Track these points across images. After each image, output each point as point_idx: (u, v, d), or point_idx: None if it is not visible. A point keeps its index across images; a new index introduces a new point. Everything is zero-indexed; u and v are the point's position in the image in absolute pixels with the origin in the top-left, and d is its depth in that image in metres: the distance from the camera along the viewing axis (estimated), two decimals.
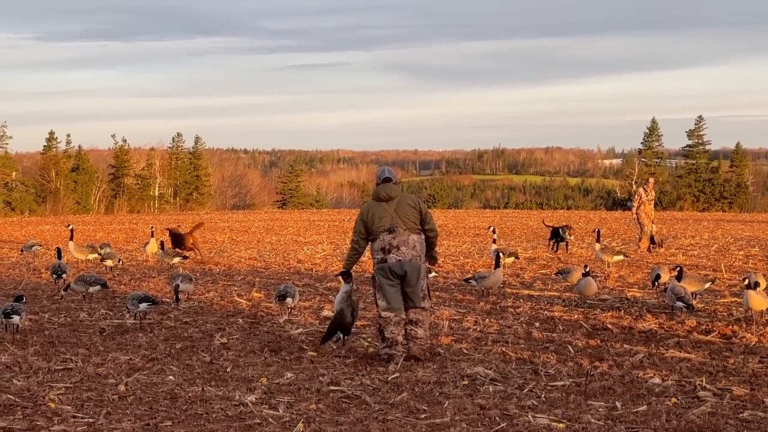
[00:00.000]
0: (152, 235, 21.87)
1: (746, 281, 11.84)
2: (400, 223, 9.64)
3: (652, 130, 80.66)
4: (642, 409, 7.63)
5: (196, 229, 22.66)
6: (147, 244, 21.68)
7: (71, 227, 21.20)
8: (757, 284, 12.01)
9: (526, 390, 8.32)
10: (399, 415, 7.52)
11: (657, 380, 8.64)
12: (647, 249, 22.84)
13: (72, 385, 8.55)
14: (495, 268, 14.36)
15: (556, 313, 12.75)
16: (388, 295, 9.62)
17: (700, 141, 79.05)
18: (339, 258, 21.47)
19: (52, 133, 79.33)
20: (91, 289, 14.11)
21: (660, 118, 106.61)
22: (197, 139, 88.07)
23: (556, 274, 15.87)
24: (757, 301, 11.47)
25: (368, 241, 9.87)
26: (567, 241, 23.34)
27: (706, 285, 13.77)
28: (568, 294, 14.64)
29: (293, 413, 7.56)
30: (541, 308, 13.28)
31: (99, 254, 19.42)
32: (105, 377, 8.91)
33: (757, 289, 11.84)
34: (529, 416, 7.42)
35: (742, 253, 23.19)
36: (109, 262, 18.67)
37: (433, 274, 15.79)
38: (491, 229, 21.43)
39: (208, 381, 8.76)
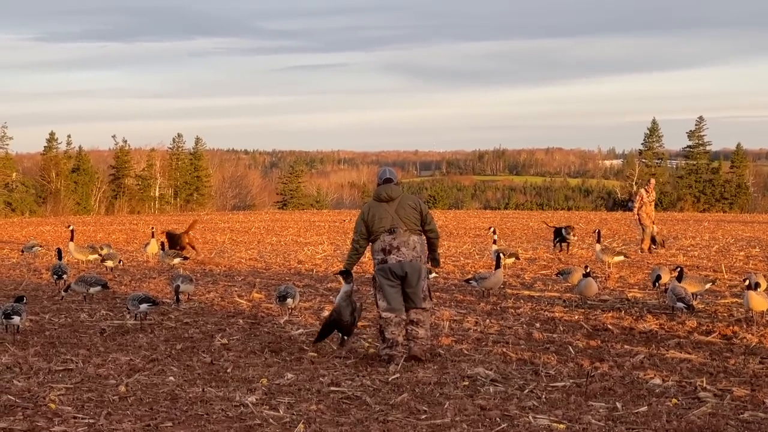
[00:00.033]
0: (153, 236, 21.90)
1: (747, 282, 11.83)
2: (400, 223, 9.64)
3: (653, 131, 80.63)
4: (642, 410, 7.63)
5: (191, 228, 22.82)
6: (147, 244, 21.70)
7: (72, 228, 21.20)
8: (757, 285, 12.01)
9: (527, 391, 8.32)
10: (399, 416, 7.52)
11: (657, 381, 8.65)
12: (648, 249, 22.86)
13: (72, 386, 8.55)
14: (495, 269, 14.37)
15: (557, 314, 12.75)
16: (389, 295, 9.63)
17: (700, 142, 79.03)
18: (339, 258, 21.47)
19: (52, 134, 79.38)
20: (92, 290, 14.11)
21: (660, 118, 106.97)
22: (198, 140, 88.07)
23: (557, 275, 15.87)
24: (758, 301, 11.46)
25: (369, 242, 9.88)
26: (569, 242, 23.36)
27: (707, 286, 13.76)
28: (568, 295, 14.64)
29: (294, 414, 7.56)
30: (542, 309, 13.28)
31: (99, 255, 19.42)
32: (105, 378, 8.91)
33: (758, 289, 11.83)
34: (530, 417, 7.42)
35: (742, 253, 23.18)
36: (109, 263, 18.68)
37: (434, 275, 15.79)
38: (492, 229, 21.41)
39: (208, 382, 8.76)
